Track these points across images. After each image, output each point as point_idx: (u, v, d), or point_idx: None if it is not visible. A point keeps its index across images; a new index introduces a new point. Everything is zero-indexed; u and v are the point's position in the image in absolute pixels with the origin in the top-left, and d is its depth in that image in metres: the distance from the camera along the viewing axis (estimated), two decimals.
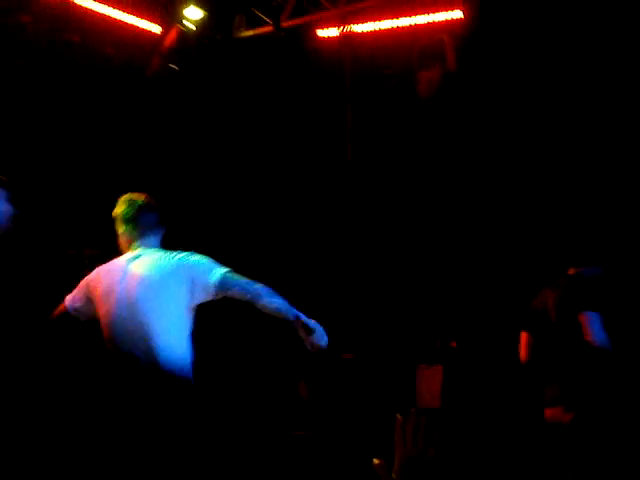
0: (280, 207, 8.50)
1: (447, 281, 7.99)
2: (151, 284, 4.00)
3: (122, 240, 4.26)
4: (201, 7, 7.73)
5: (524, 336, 5.49)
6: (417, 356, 8.04)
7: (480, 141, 7.95)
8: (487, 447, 7.02)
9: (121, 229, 4.25)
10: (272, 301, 3.98)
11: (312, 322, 3.99)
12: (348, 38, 7.97)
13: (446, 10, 7.59)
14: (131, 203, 4.23)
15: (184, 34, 7.92)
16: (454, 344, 7.81)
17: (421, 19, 7.76)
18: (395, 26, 7.86)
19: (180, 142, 8.31)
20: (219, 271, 3.99)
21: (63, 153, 7.55)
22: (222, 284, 3.96)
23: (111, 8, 7.70)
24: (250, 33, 8.14)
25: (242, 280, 3.99)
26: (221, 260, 4.08)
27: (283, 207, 8.50)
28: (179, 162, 8.32)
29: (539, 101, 7.63)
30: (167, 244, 4.25)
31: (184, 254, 4.07)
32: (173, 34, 7.92)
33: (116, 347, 4.02)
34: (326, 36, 8.12)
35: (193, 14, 7.79)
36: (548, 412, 5.31)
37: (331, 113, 8.31)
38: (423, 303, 8.13)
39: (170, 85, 8.20)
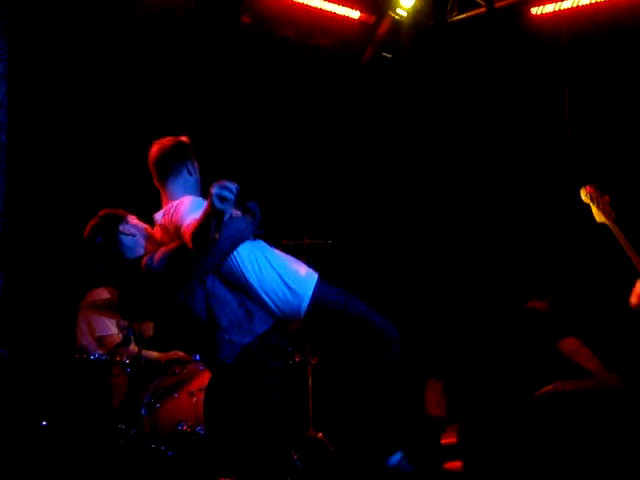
0: (496, 190, 8.39)
1: None
2: None
3: None
4: None
5: None
6: None
7: None
8: None
9: None
10: None
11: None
12: (564, 14, 7.70)
13: None
14: None
15: (397, 22, 7.96)
16: None
17: None
18: None
19: (398, 130, 8.38)
20: None
21: (289, 147, 7.80)
22: None
23: (322, 0, 7.83)
24: (463, 16, 8.06)
25: None
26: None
27: (499, 190, 8.38)
28: (399, 149, 8.38)
29: None
30: None
31: None
32: (386, 22, 7.97)
33: None
34: (541, 13, 7.90)
35: (406, 1, 7.80)
36: None
37: (548, 92, 8.08)
38: None
39: (384, 73, 8.26)
